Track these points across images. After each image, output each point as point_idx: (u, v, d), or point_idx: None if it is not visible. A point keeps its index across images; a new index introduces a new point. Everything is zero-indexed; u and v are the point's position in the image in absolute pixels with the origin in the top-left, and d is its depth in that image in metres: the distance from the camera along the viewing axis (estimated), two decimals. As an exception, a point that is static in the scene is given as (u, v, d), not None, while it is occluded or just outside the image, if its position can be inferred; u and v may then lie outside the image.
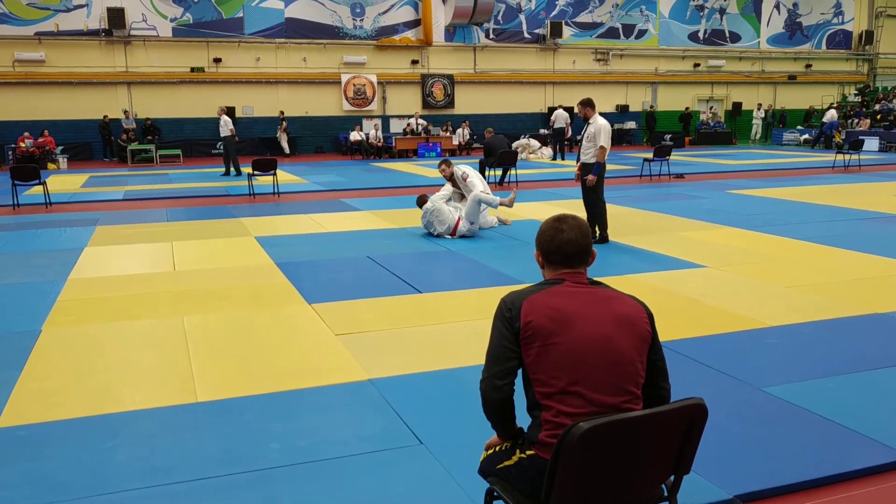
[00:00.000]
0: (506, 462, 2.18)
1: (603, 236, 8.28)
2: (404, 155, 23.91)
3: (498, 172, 15.09)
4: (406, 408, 3.78)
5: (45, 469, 3.22)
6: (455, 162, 9.96)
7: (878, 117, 26.49)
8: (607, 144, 8.13)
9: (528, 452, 2.10)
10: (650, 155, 16.09)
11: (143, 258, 7.83)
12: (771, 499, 2.95)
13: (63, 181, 16.14)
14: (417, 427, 3.54)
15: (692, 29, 29.81)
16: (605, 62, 28.61)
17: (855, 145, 17.91)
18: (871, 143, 23.58)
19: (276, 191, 13.33)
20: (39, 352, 4.77)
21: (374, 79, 25.78)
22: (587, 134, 8.27)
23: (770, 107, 30.77)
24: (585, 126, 8.36)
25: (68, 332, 5.20)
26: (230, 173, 17.32)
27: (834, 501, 2.94)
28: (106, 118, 22.64)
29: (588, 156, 8.24)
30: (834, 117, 26.00)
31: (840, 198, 11.99)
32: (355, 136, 23.57)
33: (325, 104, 25.51)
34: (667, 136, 25.89)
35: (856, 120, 27.08)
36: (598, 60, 28.58)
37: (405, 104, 26.25)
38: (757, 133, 30.35)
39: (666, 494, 2.15)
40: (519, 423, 2.20)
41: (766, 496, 2.95)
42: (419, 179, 16.00)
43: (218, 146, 20.65)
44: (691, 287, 6.21)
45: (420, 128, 24.83)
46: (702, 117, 29.09)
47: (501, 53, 27.26)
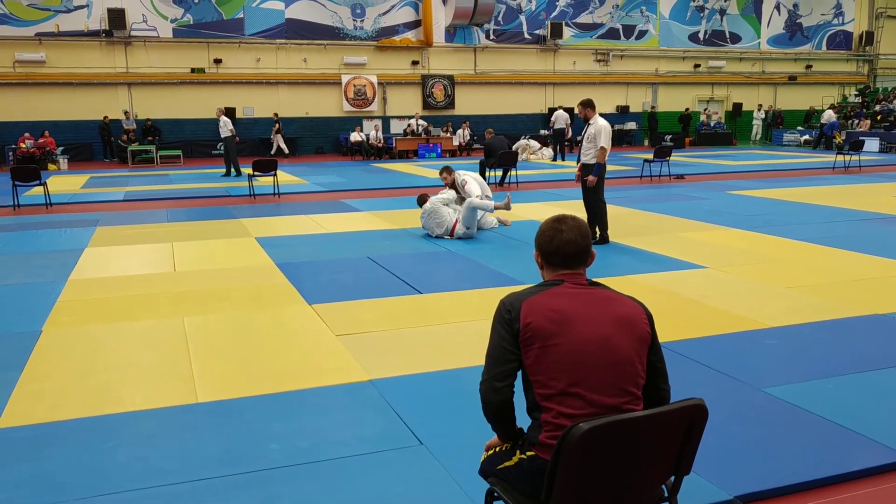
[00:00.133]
0: (506, 463, 2.18)
1: (603, 237, 8.28)
2: (405, 156, 23.88)
3: (498, 173, 15.09)
4: (406, 408, 3.78)
5: (45, 469, 3.22)
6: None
7: (879, 118, 26.46)
8: (608, 145, 8.13)
9: (529, 453, 2.10)
10: (650, 156, 16.09)
11: (144, 259, 7.83)
12: (771, 499, 2.95)
13: (63, 182, 16.14)
14: (418, 427, 3.55)
15: (692, 30, 29.81)
16: (606, 63, 28.60)
17: (855, 146, 17.89)
18: (872, 144, 23.56)
19: (277, 191, 13.34)
20: (40, 352, 4.77)
21: (375, 79, 25.79)
22: (587, 135, 8.27)
23: (770, 107, 30.78)
24: (586, 127, 8.36)
25: (68, 333, 5.20)
26: (231, 174, 17.33)
27: (834, 502, 2.94)
28: (106, 119, 22.65)
29: (588, 156, 8.25)
30: (832, 117, 25.99)
31: (840, 198, 11.98)
32: (356, 137, 23.58)
33: (326, 105, 25.51)
34: (667, 137, 25.88)
35: (856, 121, 27.07)
36: (599, 61, 28.58)
37: (405, 105, 26.24)
38: (757, 134, 30.35)
39: (666, 495, 2.15)
40: (519, 425, 2.20)
41: (767, 497, 2.95)
42: (419, 180, 15.98)
43: (218, 147, 20.66)
44: (692, 288, 6.21)
45: (420, 128, 24.83)
46: (701, 118, 29.10)
47: (502, 54, 27.26)
